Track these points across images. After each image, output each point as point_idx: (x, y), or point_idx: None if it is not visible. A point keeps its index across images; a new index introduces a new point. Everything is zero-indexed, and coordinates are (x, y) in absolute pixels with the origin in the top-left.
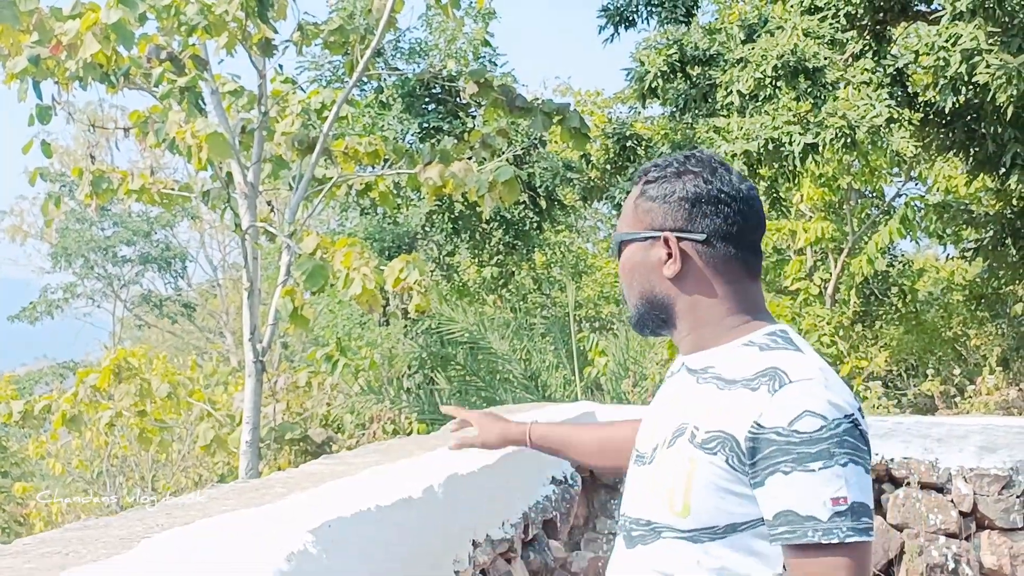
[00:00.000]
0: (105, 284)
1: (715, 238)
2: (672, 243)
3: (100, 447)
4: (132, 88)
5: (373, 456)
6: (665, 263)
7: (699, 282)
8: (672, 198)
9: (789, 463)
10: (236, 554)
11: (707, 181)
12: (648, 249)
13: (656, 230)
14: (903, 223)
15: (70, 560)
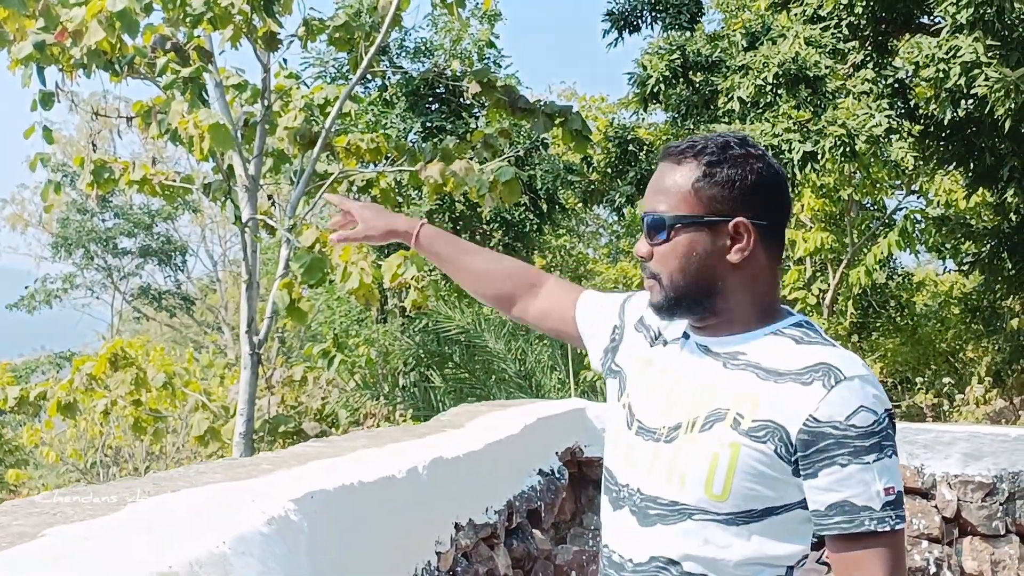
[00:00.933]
0: (104, 275)
1: (775, 224)
2: (745, 229)
3: (94, 436)
4: (136, 77)
5: (361, 441)
6: (731, 249)
7: (754, 268)
8: (745, 184)
9: (846, 456)
10: (219, 517)
11: (770, 166)
12: (709, 234)
13: (726, 215)
14: (902, 236)
15: (57, 519)
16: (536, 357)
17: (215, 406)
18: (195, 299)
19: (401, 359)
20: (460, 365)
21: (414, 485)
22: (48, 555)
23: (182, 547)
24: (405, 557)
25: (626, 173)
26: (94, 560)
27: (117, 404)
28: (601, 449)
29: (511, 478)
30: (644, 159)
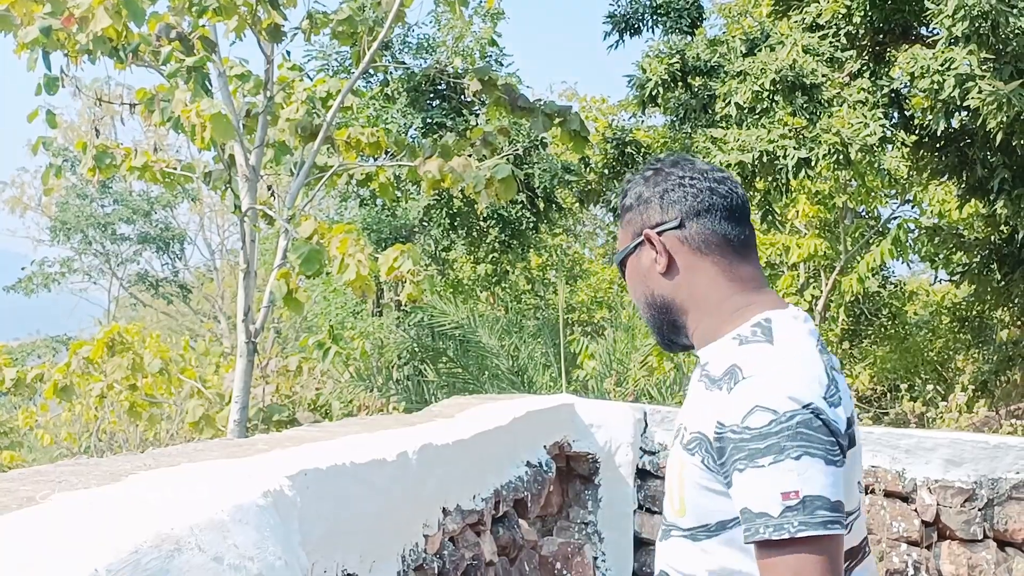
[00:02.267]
0: (102, 261)
1: (688, 218)
2: (653, 238)
3: (89, 421)
4: (140, 65)
5: (354, 427)
6: (654, 261)
7: (688, 269)
8: (642, 199)
9: (743, 461)
10: (217, 489)
11: (667, 173)
12: (639, 256)
13: (637, 235)
14: (895, 244)
15: (62, 487)
16: (529, 354)
17: (210, 393)
18: (192, 287)
19: (395, 352)
20: (454, 360)
21: (404, 468)
22: (55, 517)
23: (183, 513)
24: (393, 537)
25: (623, 175)
26: (99, 522)
27: (113, 388)
28: (588, 445)
29: (498, 467)
30: (641, 161)
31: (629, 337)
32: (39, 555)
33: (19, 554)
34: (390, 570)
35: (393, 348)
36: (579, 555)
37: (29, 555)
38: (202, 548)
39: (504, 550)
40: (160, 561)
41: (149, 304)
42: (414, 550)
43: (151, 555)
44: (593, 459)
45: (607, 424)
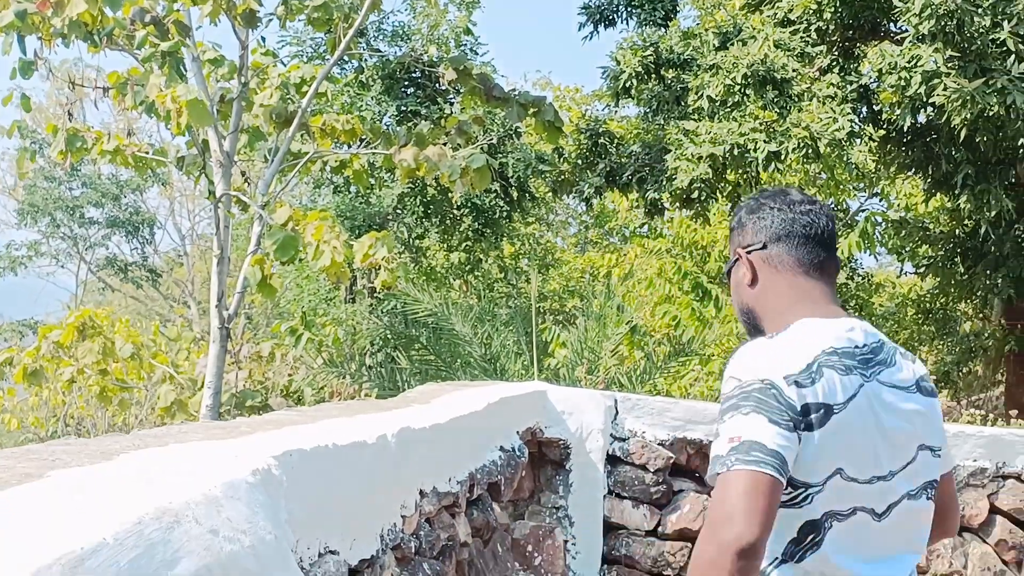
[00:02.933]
0: (70, 244)
1: (771, 241)
2: (743, 256)
3: (57, 406)
4: (114, 49)
5: (332, 411)
6: (744, 275)
7: (767, 284)
8: (741, 223)
9: (718, 421)
10: (208, 468)
11: (763, 203)
12: (737, 270)
13: (735, 253)
14: (863, 237)
15: (57, 465)
16: (502, 342)
17: (183, 378)
18: (162, 272)
19: (368, 339)
20: (426, 347)
21: (383, 451)
22: (57, 492)
23: (179, 488)
24: (373, 518)
25: (596, 165)
26: (100, 496)
27: (83, 373)
28: (559, 431)
29: (473, 451)
30: (614, 152)
31: (600, 326)
32: (47, 526)
33: (29, 525)
34: (370, 549)
35: (366, 335)
36: (550, 538)
37: (38, 526)
38: (198, 521)
39: (478, 532)
40: (161, 532)
41: (118, 289)
42: (392, 530)
43: (153, 526)
44: (564, 445)
45: (578, 411)
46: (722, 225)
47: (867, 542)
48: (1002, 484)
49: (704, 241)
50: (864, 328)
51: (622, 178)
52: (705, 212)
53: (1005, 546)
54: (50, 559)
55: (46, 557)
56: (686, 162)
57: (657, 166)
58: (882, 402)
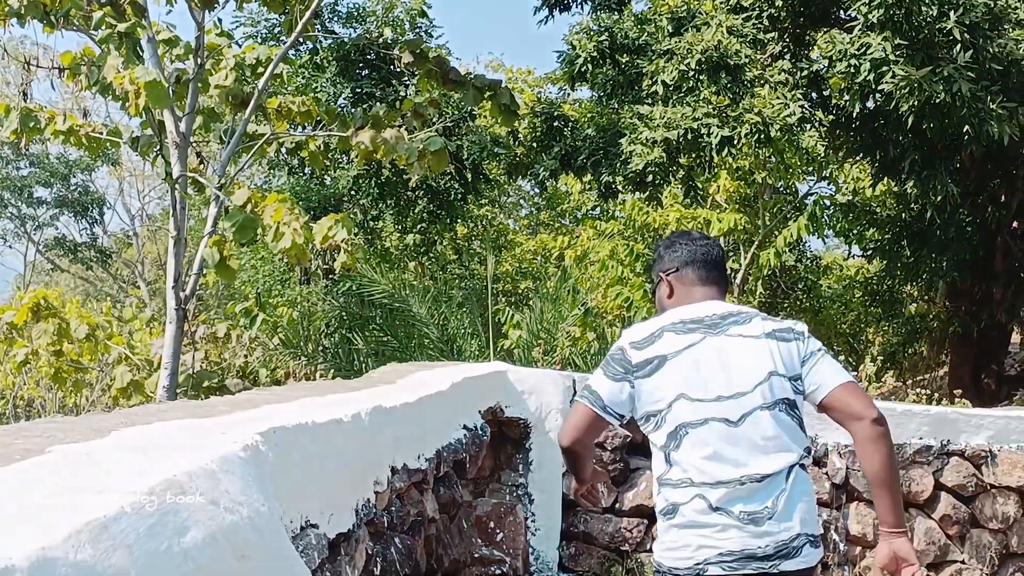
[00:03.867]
0: (18, 225)
1: (682, 266)
2: (664, 278)
3: (7, 387)
4: (70, 29)
5: (303, 390)
6: (665, 291)
7: (679, 294)
8: (658, 256)
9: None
10: (200, 442)
11: (671, 241)
12: (660, 289)
13: (658, 275)
14: (811, 220)
15: (52, 442)
16: (457, 323)
17: (138, 359)
18: (111, 253)
19: (324, 321)
20: (382, 328)
21: (358, 429)
22: (64, 464)
23: (179, 463)
24: (349, 492)
25: (551, 148)
26: (107, 469)
27: (37, 354)
28: (519, 410)
29: (440, 430)
30: (569, 135)
31: (555, 308)
32: (68, 494)
33: (49, 494)
34: (346, 523)
35: (321, 316)
36: (511, 515)
37: (59, 495)
38: (201, 493)
39: (445, 508)
40: (171, 503)
41: (66, 269)
42: (366, 505)
43: (163, 496)
44: (525, 424)
45: (538, 391)
46: (674, 208)
47: (727, 439)
48: (946, 461)
49: (656, 223)
50: (727, 307)
51: (577, 161)
52: (658, 195)
53: (949, 521)
54: (79, 524)
55: (75, 523)
56: (640, 146)
57: (611, 150)
58: (725, 346)
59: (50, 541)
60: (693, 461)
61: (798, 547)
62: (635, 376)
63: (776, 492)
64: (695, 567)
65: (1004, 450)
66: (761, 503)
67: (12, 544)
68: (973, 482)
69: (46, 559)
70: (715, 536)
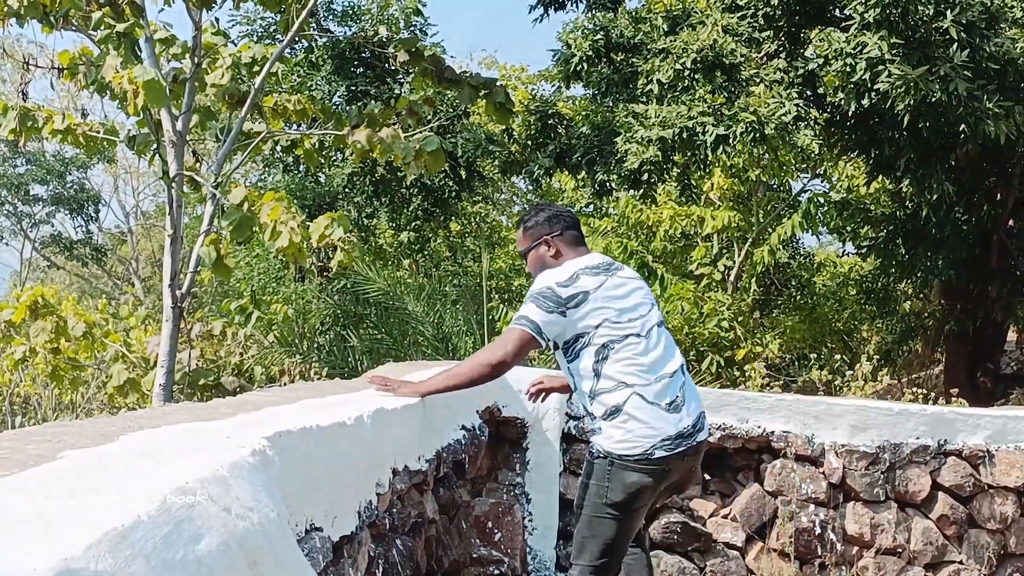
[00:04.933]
0: (14, 222)
1: (565, 229)
2: (551, 240)
3: (4, 384)
4: (69, 29)
5: (304, 392)
6: (549, 251)
7: (563, 252)
8: (535, 224)
9: (524, 304)
10: (209, 447)
11: (548, 209)
12: (538, 250)
13: (537, 238)
14: (805, 218)
15: (62, 447)
16: (452, 321)
17: (134, 357)
18: (107, 250)
19: (318, 318)
20: (377, 326)
21: (360, 431)
22: (77, 470)
23: (189, 468)
24: (352, 495)
25: (546, 146)
26: (120, 475)
27: (35, 352)
28: (517, 410)
29: (439, 431)
30: (564, 133)
31: None
32: (81, 503)
33: (63, 502)
34: (349, 525)
35: (316, 314)
36: (509, 515)
37: (73, 503)
38: (213, 500)
39: (444, 509)
40: (184, 510)
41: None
42: (368, 507)
43: (177, 504)
44: (522, 423)
45: None
46: (668, 205)
47: (641, 349)
48: (944, 461)
49: (650, 221)
50: (602, 257)
51: (572, 159)
52: (653, 193)
53: (947, 521)
54: (98, 535)
55: (94, 533)
56: (636, 145)
57: (606, 148)
58: (622, 283)
59: (72, 551)
60: (621, 369)
61: (703, 423)
62: (567, 307)
63: (679, 384)
64: (643, 453)
65: (1002, 450)
66: (674, 395)
67: (35, 554)
68: (971, 482)
69: (69, 570)
70: (655, 425)
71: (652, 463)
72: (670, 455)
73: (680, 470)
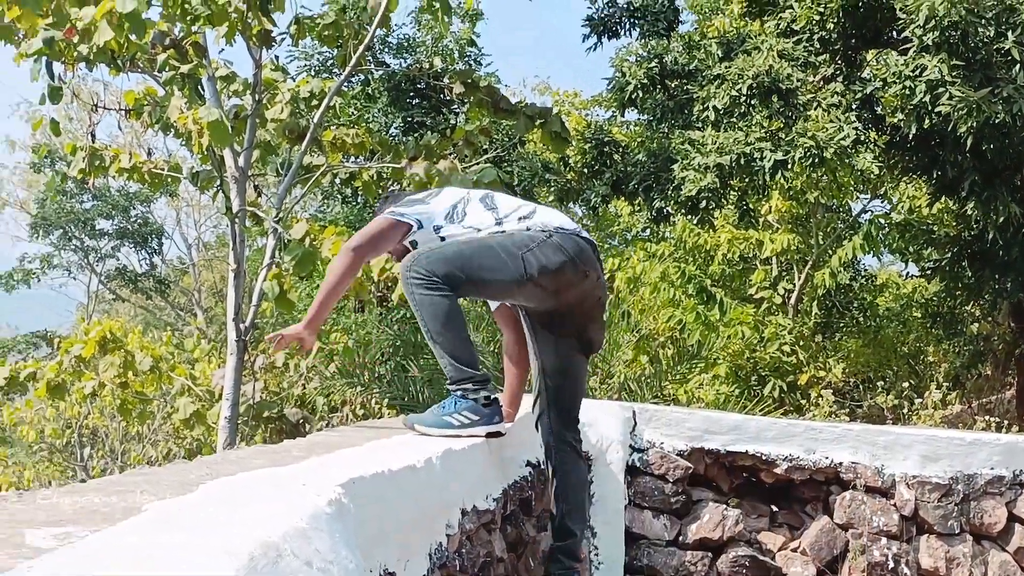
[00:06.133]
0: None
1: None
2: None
3: (73, 416)
4: (135, 71)
5: (370, 432)
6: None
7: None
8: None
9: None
10: (286, 496)
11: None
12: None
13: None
14: (866, 240)
15: (144, 498)
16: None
17: (200, 390)
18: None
19: (379, 348)
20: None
21: (430, 473)
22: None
23: (270, 520)
24: (423, 538)
25: (602, 173)
26: (204, 529)
27: (104, 386)
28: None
29: (506, 469)
30: (619, 160)
31: (609, 334)
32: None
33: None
34: (421, 568)
35: (376, 344)
36: None
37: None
38: (295, 554)
39: (512, 547)
40: (270, 566)
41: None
42: (439, 549)
43: (262, 561)
44: (586, 457)
45: (599, 423)
46: (725, 229)
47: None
48: (1020, 492)
49: (707, 245)
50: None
51: (628, 187)
52: (711, 219)
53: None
54: None
55: None
56: (693, 172)
57: (663, 175)
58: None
59: None
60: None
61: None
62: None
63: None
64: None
65: None
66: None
67: None
68: None
69: None
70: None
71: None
72: None
73: None
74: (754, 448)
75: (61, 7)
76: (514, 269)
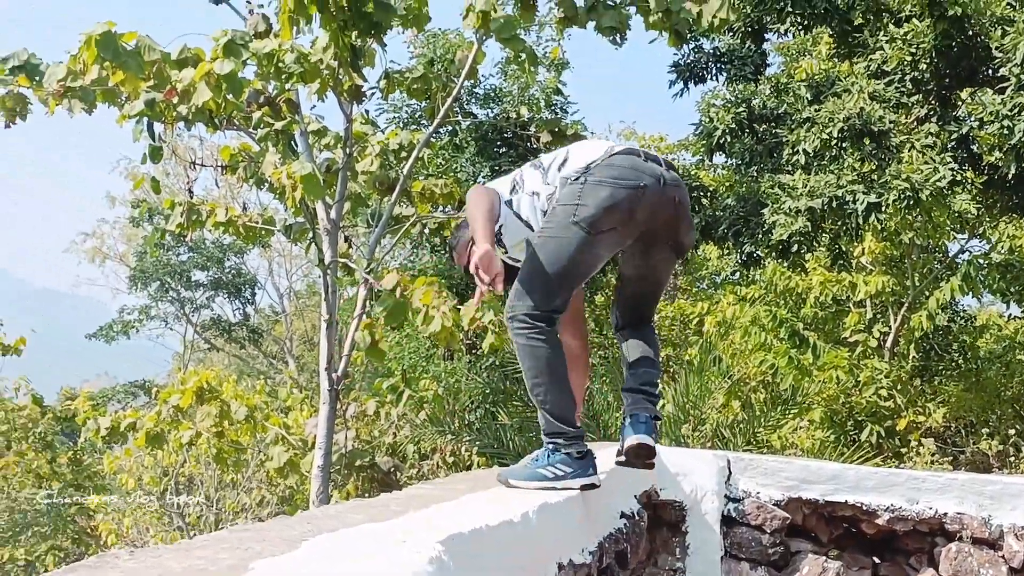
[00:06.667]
0: (178, 307)
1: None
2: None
3: (170, 464)
4: (231, 129)
5: (463, 484)
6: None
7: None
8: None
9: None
10: (388, 554)
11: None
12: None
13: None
14: (965, 280)
15: (250, 555)
16: (603, 397)
17: (293, 439)
18: (262, 331)
19: (468, 396)
20: (524, 402)
21: (527, 528)
22: None
23: None
24: None
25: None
26: None
27: (201, 435)
28: (675, 493)
29: (600, 521)
30: (708, 205)
31: (701, 380)
32: None
33: None
34: None
35: (466, 392)
36: None
37: None
38: None
39: None
40: None
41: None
42: None
43: None
44: (680, 507)
45: (692, 472)
46: (817, 271)
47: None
48: None
49: (799, 288)
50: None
51: (718, 231)
52: (802, 262)
53: None
54: None
55: None
56: (784, 216)
57: (753, 219)
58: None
59: None
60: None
61: None
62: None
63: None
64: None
65: None
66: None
67: None
68: None
69: None
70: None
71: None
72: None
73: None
74: (854, 498)
75: (162, 70)
76: (578, 241)
